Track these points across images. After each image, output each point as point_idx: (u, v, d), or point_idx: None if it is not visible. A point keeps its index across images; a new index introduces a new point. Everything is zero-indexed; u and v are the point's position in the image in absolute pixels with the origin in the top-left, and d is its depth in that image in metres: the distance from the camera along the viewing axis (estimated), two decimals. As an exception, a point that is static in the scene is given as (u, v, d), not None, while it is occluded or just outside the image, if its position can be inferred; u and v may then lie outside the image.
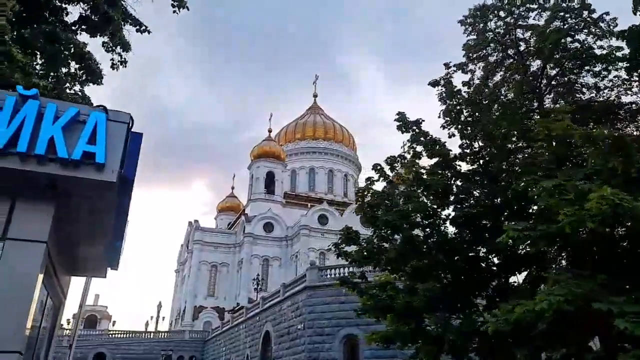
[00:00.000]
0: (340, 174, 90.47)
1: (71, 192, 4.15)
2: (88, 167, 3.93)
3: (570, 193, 7.95)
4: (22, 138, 3.76)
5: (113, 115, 4.17)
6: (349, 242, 14.85)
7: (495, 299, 14.67)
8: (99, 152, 3.94)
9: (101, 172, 3.96)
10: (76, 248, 5.46)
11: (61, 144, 3.85)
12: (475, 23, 22.08)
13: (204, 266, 77.52)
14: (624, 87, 18.08)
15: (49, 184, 3.96)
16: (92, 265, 6.50)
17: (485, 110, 15.83)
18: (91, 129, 3.99)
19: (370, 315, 15.21)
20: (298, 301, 35.70)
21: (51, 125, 3.89)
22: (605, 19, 18.97)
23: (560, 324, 7.78)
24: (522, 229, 8.44)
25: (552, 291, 7.14)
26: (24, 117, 3.82)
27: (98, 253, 5.88)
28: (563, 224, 7.59)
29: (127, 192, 4.36)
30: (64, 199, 4.19)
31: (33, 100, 3.94)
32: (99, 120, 4.03)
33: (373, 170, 16.61)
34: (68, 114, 3.99)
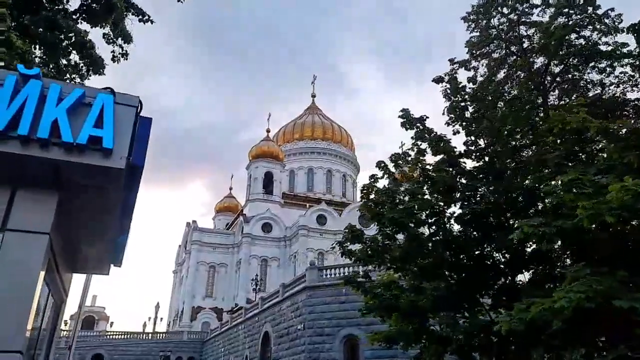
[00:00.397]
0: (339, 174, 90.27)
1: (76, 180, 3.85)
2: (94, 152, 3.65)
3: (587, 187, 7.71)
4: (24, 120, 3.46)
5: (121, 98, 3.89)
6: (353, 240, 14.59)
7: (501, 298, 14.46)
8: (106, 137, 3.65)
9: (108, 158, 3.67)
10: (79, 243, 5.17)
11: (66, 127, 3.56)
12: (478, 20, 21.93)
13: (202, 267, 77.21)
14: (630, 84, 17.92)
15: (53, 171, 3.67)
16: (94, 261, 6.20)
17: (491, 107, 15.62)
18: (98, 112, 3.71)
19: (375, 315, 14.94)
20: (298, 301, 35.46)
21: (55, 107, 3.60)
22: (610, 15, 18.81)
23: (578, 323, 7.54)
24: (536, 225, 8.19)
25: (571, 288, 6.89)
26: (25, 98, 3.53)
27: (102, 248, 5.59)
28: (581, 218, 7.35)
29: (134, 181, 4.07)
30: (67, 188, 3.90)
31: (35, 80, 3.66)
32: (106, 103, 3.75)
33: (377, 167, 16.39)
34: (73, 96, 3.71)
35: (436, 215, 14.11)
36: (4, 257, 3.56)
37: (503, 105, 15.61)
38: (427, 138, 15.34)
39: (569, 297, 6.73)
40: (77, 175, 3.81)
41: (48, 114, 3.59)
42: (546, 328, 9.16)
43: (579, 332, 8.09)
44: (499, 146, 14.55)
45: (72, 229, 4.63)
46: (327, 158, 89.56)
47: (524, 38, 21.25)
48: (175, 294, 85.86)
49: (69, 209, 4.12)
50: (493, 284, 14.68)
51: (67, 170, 3.71)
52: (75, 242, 5.09)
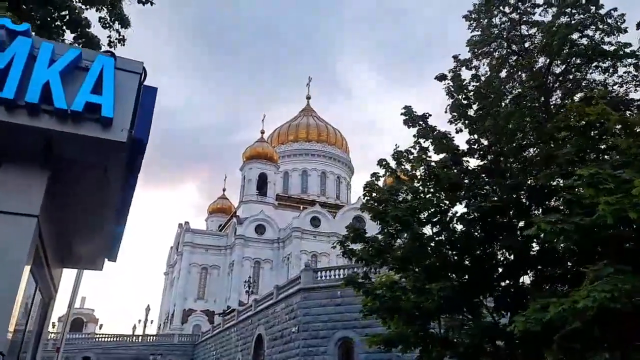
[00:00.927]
0: (333, 176, 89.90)
1: (69, 155, 3.37)
2: (92, 123, 3.16)
3: (608, 182, 7.34)
4: (10, 82, 2.96)
5: (122, 64, 3.41)
6: (355, 239, 14.17)
7: (505, 300, 14.11)
8: (105, 104, 3.17)
9: (108, 129, 3.19)
10: (71, 232, 4.68)
11: (59, 92, 3.07)
12: (479, 18, 21.60)
13: (194, 268, 76.45)
14: (633, 84, 17.65)
15: (43, 143, 3.20)
16: (87, 254, 5.71)
17: (495, 104, 15.30)
18: (96, 77, 3.22)
19: (376, 317, 14.52)
20: (292, 303, 35.01)
21: (46, 68, 3.10)
22: (613, 15, 18.56)
23: (601, 324, 7.17)
24: (554, 221, 7.81)
25: (595, 287, 6.51)
26: (12, 57, 3.02)
27: (96, 239, 5.10)
28: (603, 214, 6.98)
29: (136, 159, 3.59)
30: (60, 166, 3.42)
31: (24, 37, 3.16)
32: (106, 66, 3.28)
33: (378, 165, 16.02)
34: (67, 57, 3.22)
35: (440, 214, 13.75)
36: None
37: (508, 102, 15.28)
38: (430, 136, 14.99)
39: (593, 297, 6.34)
40: (71, 150, 3.33)
41: (38, 76, 3.10)
42: (559, 329, 8.79)
43: (602, 334, 7.72)
44: (504, 144, 14.22)
45: (63, 215, 4.14)
46: (321, 160, 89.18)
47: (526, 37, 20.95)
48: (166, 296, 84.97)
49: (60, 190, 3.64)
50: (497, 285, 14.34)
51: (59, 143, 3.23)
52: (66, 230, 4.60)
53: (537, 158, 14.38)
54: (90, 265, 6.36)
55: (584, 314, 6.69)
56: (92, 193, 3.92)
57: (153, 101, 3.53)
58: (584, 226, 7.78)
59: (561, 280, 13.44)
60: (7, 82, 3.01)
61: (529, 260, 13.68)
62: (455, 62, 17.95)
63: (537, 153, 13.72)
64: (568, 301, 6.95)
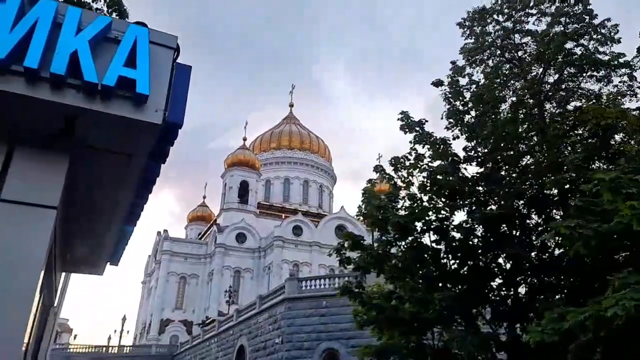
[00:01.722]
0: (316, 185, 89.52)
1: (93, 139, 2.91)
2: (123, 101, 2.72)
3: (630, 187, 7.12)
4: (33, 50, 2.49)
5: (156, 37, 2.99)
6: (354, 247, 13.77)
7: (504, 310, 13.88)
8: (140, 80, 2.72)
9: (141, 109, 2.75)
10: (79, 230, 4.19)
11: (88, 63, 2.60)
12: (473, 26, 21.60)
13: (173, 277, 75.00)
14: (628, 93, 17.74)
15: (66, 123, 2.75)
16: (90, 257, 5.20)
17: (493, 110, 15.17)
18: (129, 49, 2.76)
19: (373, 329, 14.11)
20: (276, 314, 34.38)
21: (73, 37, 2.68)
22: (607, 25, 18.71)
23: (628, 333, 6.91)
24: (574, 226, 7.56)
25: (623, 295, 6.24)
26: (34, 21, 2.57)
27: (104, 240, 4.61)
28: (627, 219, 6.74)
29: (166, 146, 3.17)
30: (79, 151, 2.97)
31: (47, 0, 2.74)
32: (140, 37, 2.83)
33: (374, 171, 15.73)
34: (96, 26, 2.76)
35: (439, 222, 13.48)
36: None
37: (506, 109, 15.16)
38: (428, 141, 14.74)
39: (622, 305, 6.07)
40: (96, 132, 2.88)
41: (65, 45, 2.65)
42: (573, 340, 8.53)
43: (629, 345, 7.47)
44: (503, 151, 14.04)
45: (74, 210, 3.67)
46: (304, 168, 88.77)
47: (519, 46, 21.00)
48: (144, 305, 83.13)
49: (76, 180, 3.18)
50: (495, 295, 14.11)
51: (83, 123, 2.78)
52: (74, 228, 4.11)
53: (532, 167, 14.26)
54: (91, 270, 5.86)
55: (610, 323, 6.42)
56: (111, 185, 3.47)
57: (187, 81, 3.11)
58: (603, 232, 7.55)
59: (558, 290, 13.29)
60: (29, 50, 2.55)
61: (527, 269, 13.50)
62: (452, 67, 17.79)
63: (537, 160, 13.54)
64: (592, 309, 6.68)
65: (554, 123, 15.65)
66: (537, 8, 20.19)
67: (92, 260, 5.45)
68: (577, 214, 8.68)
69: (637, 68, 17.27)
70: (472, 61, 20.88)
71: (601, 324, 6.66)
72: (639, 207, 6.59)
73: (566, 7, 18.96)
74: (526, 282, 13.53)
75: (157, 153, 3.22)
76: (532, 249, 13.52)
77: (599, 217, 7.93)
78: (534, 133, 13.93)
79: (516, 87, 19.50)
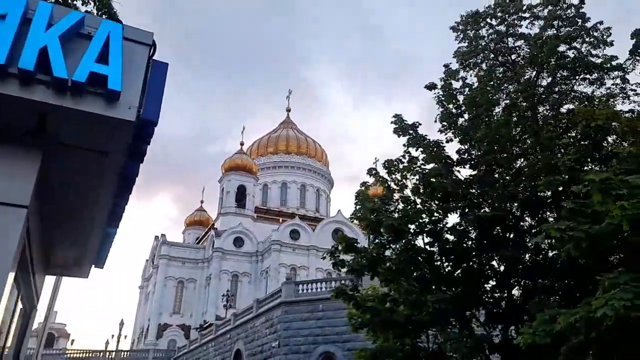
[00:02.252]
0: (313, 189, 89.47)
1: (66, 136, 2.88)
2: (95, 97, 2.69)
3: (620, 188, 7.10)
4: (1, 45, 2.51)
5: (130, 33, 2.96)
6: (347, 250, 13.73)
7: (497, 312, 13.86)
8: (112, 76, 2.70)
9: (113, 106, 2.72)
10: (59, 231, 4.16)
11: (58, 59, 2.57)
12: (467, 30, 21.65)
13: (170, 282, 74.76)
14: (620, 96, 17.78)
15: (36, 120, 2.71)
16: (74, 259, 5.15)
17: (487, 112, 15.18)
18: (101, 44, 2.73)
19: (368, 332, 14.05)
20: (273, 317, 34.29)
21: (43, 32, 2.66)
22: (599, 28, 18.76)
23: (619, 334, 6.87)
24: (564, 228, 7.54)
25: (613, 295, 6.21)
26: (4, 15, 2.58)
27: (86, 242, 4.57)
28: (617, 220, 6.73)
29: (142, 145, 3.13)
30: (52, 149, 2.93)
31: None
32: (113, 33, 2.81)
33: (368, 174, 15.71)
34: (68, 21, 2.72)
35: (434, 224, 13.46)
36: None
37: (499, 112, 15.17)
38: (422, 144, 14.73)
39: (612, 305, 6.04)
40: (69, 129, 2.85)
41: (34, 41, 2.62)
42: (565, 342, 8.49)
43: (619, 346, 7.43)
44: (497, 153, 14.04)
45: (51, 209, 3.63)
46: (301, 172, 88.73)
47: (512, 50, 21.04)
48: (141, 310, 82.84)
49: (50, 179, 3.15)
50: (489, 297, 14.09)
51: (55, 120, 2.75)
52: (53, 229, 4.07)
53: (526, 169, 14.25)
54: (75, 272, 5.80)
55: (600, 324, 6.39)
56: (88, 184, 3.43)
57: (163, 78, 3.07)
58: (593, 234, 7.53)
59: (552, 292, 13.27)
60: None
61: (520, 271, 13.48)
62: (445, 70, 17.81)
63: (531, 162, 13.53)
64: (582, 310, 6.65)
65: (547, 126, 15.67)
66: (530, 12, 20.25)
67: (76, 263, 5.40)
68: (569, 216, 8.66)
69: (629, 71, 17.33)
70: (465, 65, 20.91)
71: (591, 326, 6.63)
72: (629, 207, 6.57)
73: (559, 11, 19.01)
74: (520, 285, 13.52)
75: (134, 152, 3.18)
76: (526, 251, 13.51)
77: (590, 218, 7.92)
78: (527, 136, 13.92)
79: (509, 90, 19.53)
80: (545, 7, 19.50)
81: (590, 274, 10.17)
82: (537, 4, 19.87)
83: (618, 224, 6.85)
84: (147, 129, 3.00)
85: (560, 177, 10.38)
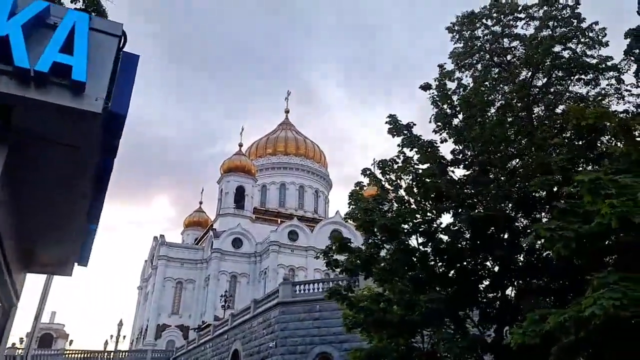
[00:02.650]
0: (311, 190, 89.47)
1: (32, 128, 2.84)
2: (60, 88, 2.65)
3: (609, 188, 7.06)
4: None
5: (98, 23, 2.92)
6: (340, 249, 13.68)
7: (491, 312, 13.82)
8: (77, 66, 2.66)
9: (79, 97, 2.68)
10: (35, 228, 4.11)
11: (20, 48, 2.52)
12: (462, 31, 21.63)
13: (169, 282, 74.73)
14: (615, 96, 17.76)
15: (1, 112, 2.67)
16: (55, 257, 5.10)
17: (481, 113, 15.15)
18: (66, 34, 2.69)
19: (361, 332, 14.00)
20: (270, 318, 34.26)
21: (5, 21, 2.61)
22: (594, 29, 18.75)
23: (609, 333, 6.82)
24: (553, 228, 7.49)
25: (602, 295, 6.17)
26: None
27: (65, 239, 4.52)
28: (606, 219, 6.68)
29: (113, 138, 3.09)
30: (20, 142, 2.89)
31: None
32: (79, 23, 2.76)
33: (362, 174, 15.65)
34: (31, 10, 2.69)
35: (426, 224, 13.42)
36: None
37: (494, 112, 15.14)
38: (416, 144, 14.68)
39: (600, 304, 5.99)
40: (35, 121, 2.81)
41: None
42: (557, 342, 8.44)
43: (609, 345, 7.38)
44: (491, 154, 14.00)
45: (25, 205, 3.59)
46: (299, 174, 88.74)
47: (508, 50, 21.02)
48: (140, 310, 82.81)
49: (21, 173, 3.10)
50: (483, 297, 14.04)
51: (19, 112, 2.71)
52: (29, 225, 4.03)
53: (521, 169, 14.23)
54: (58, 270, 5.74)
55: (589, 323, 6.34)
56: (61, 178, 3.38)
57: (134, 70, 3.03)
58: (583, 233, 7.48)
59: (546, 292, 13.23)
60: (-47, 36, 2.48)
61: (514, 271, 13.44)
62: (440, 70, 17.79)
63: (525, 163, 13.51)
64: (572, 310, 6.60)
65: (542, 126, 15.64)
66: (526, 12, 20.24)
67: (58, 261, 5.34)
68: (560, 216, 8.62)
69: (624, 71, 17.31)
70: (461, 65, 20.89)
71: (581, 325, 6.59)
72: (618, 205, 6.52)
73: (554, 11, 19.00)
74: (513, 285, 13.47)
75: (106, 146, 3.14)
76: (520, 252, 13.47)
77: (582, 218, 7.87)
78: (521, 136, 13.88)
79: (505, 91, 19.51)
80: (540, 7, 19.48)
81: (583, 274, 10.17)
82: (532, 5, 19.84)
83: (608, 223, 6.80)
84: (116, 123, 2.95)
85: (553, 177, 10.33)
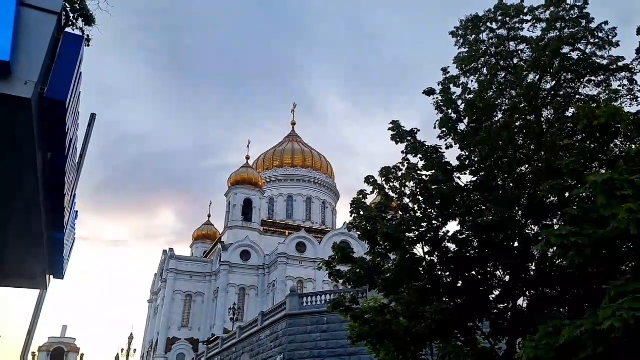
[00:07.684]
0: (319, 201, 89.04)
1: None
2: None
3: (626, 188, 6.57)
4: None
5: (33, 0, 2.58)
6: (343, 260, 13.22)
7: (502, 324, 13.27)
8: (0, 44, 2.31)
9: (6, 80, 2.32)
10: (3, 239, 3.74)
11: None
12: (467, 35, 21.23)
13: (179, 296, 74.45)
14: (628, 97, 17.21)
15: None
16: (25, 269, 4.72)
17: (487, 117, 14.70)
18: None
19: (367, 344, 13.49)
20: (277, 330, 33.77)
21: None
22: (604, 29, 18.25)
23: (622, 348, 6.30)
24: (565, 234, 7.00)
25: (621, 305, 5.66)
26: None
27: (32, 249, 4.14)
28: (623, 224, 6.19)
29: (54, 130, 2.71)
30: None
31: None
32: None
33: (365, 182, 15.23)
34: None
35: (432, 232, 12.93)
36: None
37: (501, 116, 14.68)
38: (421, 150, 14.25)
39: (620, 316, 5.49)
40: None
41: None
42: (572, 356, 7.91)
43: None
44: (498, 158, 13.52)
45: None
46: (306, 185, 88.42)
47: (514, 53, 20.57)
48: (150, 324, 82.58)
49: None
50: (493, 308, 13.49)
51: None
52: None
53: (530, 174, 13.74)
54: (31, 284, 5.35)
55: (607, 336, 5.83)
56: (9, 180, 2.99)
57: (77, 53, 2.65)
58: (598, 239, 6.98)
59: (560, 303, 12.68)
60: None
61: (526, 281, 12.89)
62: (444, 75, 17.39)
63: (535, 167, 13.00)
64: (588, 322, 6.10)
65: (552, 129, 15.15)
66: (532, 14, 19.80)
67: (29, 273, 4.95)
68: (572, 222, 8.12)
69: (637, 71, 16.78)
70: (466, 70, 20.46)
71: (599, 339, 6.08)
72: (636, 209, 6.03)
73: (562, 12, 18.55)
74: (525, 295, 12.91)
75: (48, 139, 2.75)
76: (531, 260, 12.93)
77: (596, 223, 7.38)
78: (529, 140, 13.40)
79: (512, 95, 19.05)
80: (547, 8, 19.03)
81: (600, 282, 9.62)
82: (539, 6, 19.40)
83: (625, 228, 6.31)
84: (55, 111, 2.57)
85: (563, 181, 9.83)
